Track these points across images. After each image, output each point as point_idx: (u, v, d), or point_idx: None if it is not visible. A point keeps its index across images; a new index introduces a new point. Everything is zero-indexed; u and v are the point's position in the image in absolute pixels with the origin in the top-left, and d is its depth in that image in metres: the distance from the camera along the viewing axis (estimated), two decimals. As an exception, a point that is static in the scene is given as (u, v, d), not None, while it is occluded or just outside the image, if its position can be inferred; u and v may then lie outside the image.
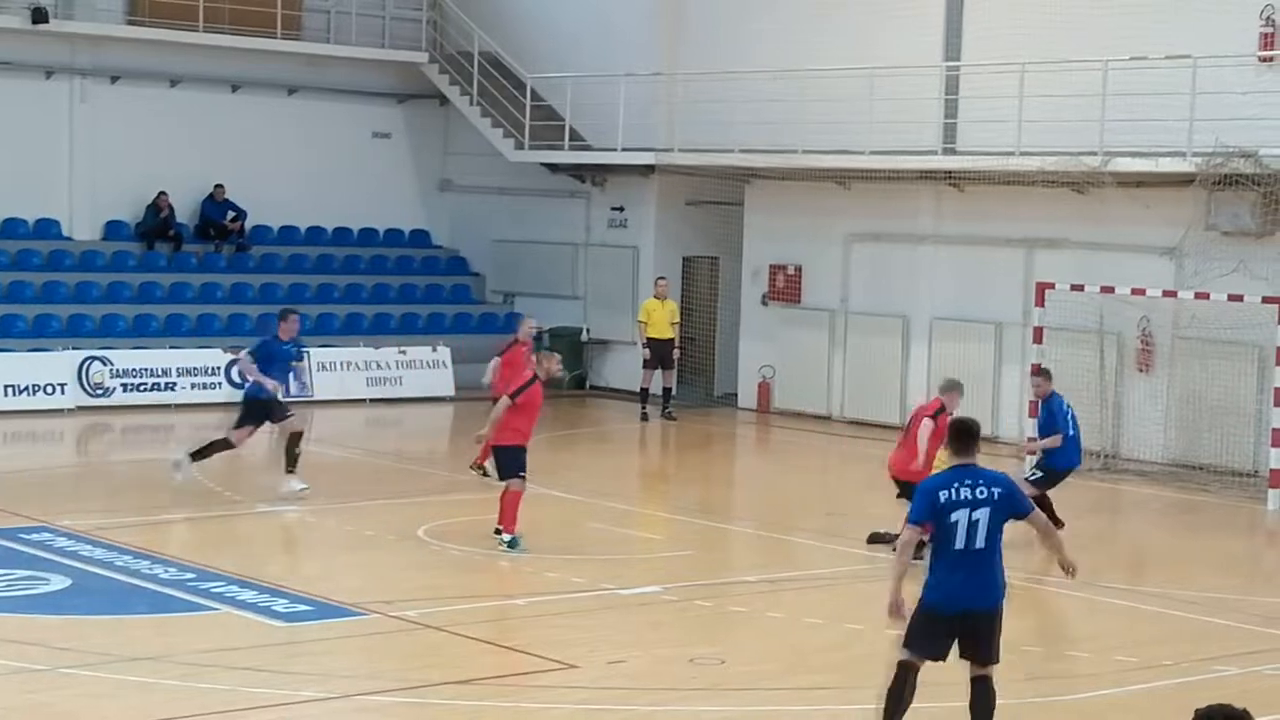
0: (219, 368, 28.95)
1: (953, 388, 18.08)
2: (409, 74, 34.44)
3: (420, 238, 35.39)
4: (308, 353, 25.77)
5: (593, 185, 32.98)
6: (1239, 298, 23.16)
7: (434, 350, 31.09)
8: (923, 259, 28.38)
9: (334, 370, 30.03)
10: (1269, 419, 22.53)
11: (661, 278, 29.92)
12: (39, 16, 30.21)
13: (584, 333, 32.83)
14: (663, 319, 29.24)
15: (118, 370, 28.20)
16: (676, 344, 29.44)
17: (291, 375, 21.27)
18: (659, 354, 29.10)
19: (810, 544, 19.32)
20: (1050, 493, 18.52)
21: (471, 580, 16.84)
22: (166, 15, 31.72)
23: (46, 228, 31.64)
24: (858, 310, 29.10)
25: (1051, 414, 19.18)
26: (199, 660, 13.45)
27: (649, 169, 31.33)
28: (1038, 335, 24.70)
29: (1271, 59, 24.03)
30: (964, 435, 11.28)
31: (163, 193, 31.77)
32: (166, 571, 16.41)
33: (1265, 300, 22.79)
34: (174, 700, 12.48)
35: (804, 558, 18.78)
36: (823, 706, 12.93)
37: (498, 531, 18.00)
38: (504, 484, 17.90)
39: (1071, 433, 19.15)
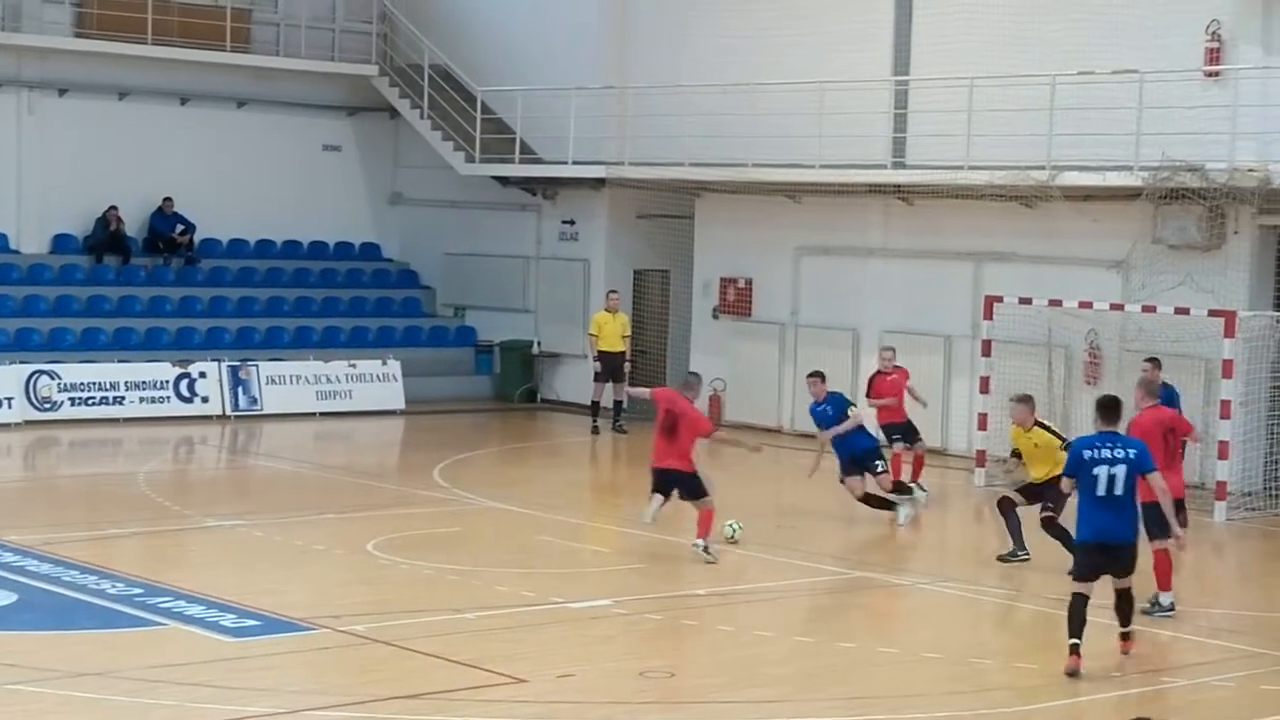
0: (168, 381, 28.82)
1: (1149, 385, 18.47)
2: (359, 87, 34.37)
3: (370, 251, 35.29)
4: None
5: (543, 198, 32.95)
6: (1185, 311, 23.29)
7: (384, 364, 30.99)
8: (872, 272, 28.45)
9: (283, 384, 29.88)
10: (1215, 432, 22.68)
11: (613, 291, 29.92)
12: (-15, 29, 30.09)
13: (535, 346, 32.80)
14: (614, 332, 29.23)
15: (65, 384, 28.01)
16: (628, 357, 29.45)
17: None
18: (610, 367, 29.10)
19: (761, 557, 19.33)
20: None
21: (420, 594, 16.78)
22: (114, 28, 31.56)
23: (-7, 241, 31.48)
24: (808, 323, 29.14)
25: None
26: (146, 676, 13.37)
27: (600, 182, 31.33)
28: (986, 348, 24.80)
29: (1217, 74, 24.20)
30: (1110, 408, 14.28)
31: (113, 207, 31.61)
32: (114, 587, 16.32)
33: (1212, 313, 22.93)
34: (121, 716, 12.43)
35: (755, 570, 18.79)
36: None
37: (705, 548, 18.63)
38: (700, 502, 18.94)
39: None
